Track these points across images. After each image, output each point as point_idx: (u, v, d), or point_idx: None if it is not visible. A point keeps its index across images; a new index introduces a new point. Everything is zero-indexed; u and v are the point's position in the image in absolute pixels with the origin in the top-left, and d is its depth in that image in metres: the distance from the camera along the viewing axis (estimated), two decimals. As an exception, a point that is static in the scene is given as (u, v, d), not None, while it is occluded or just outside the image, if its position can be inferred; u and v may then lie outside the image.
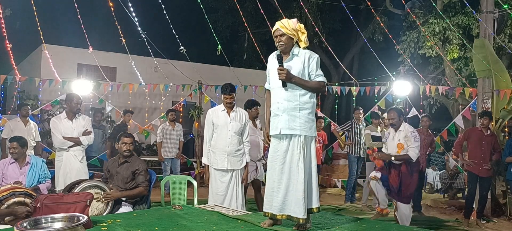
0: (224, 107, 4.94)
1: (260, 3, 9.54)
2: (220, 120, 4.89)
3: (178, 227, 3.47)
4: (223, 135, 4.85)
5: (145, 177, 4.49)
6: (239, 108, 5.06)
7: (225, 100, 4.89)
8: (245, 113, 5.06)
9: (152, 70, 11.96)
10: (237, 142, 4.87)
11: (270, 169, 3.50)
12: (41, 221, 3.08)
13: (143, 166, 4.54)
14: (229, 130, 4.84)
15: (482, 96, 7.71)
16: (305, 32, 3.55)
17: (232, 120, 4.88)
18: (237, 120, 4.90)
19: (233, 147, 4.83)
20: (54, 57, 10.10)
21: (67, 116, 5.60)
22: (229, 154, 4.82)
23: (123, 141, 4.55)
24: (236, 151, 4.86)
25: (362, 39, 14.26)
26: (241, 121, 4.93)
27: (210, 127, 4.93)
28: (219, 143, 4.84)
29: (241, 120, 4.94)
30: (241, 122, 4.92)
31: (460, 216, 7.03)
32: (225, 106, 4.92)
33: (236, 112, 4.93)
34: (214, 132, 4.92)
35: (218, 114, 4.93)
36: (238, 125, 4.89)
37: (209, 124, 4.92)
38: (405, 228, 4.59)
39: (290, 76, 3.37)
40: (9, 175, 4.64)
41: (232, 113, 4.90)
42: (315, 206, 3.45)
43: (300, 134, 3.38)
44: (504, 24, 9.57)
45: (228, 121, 4.87)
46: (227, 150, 4.81)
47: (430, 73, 12.21)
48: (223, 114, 4.92)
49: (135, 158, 4.62)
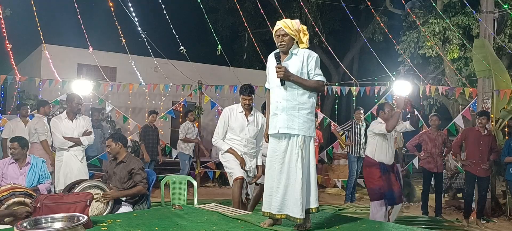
0: (242, 109, 4.68)
1: (260, 3, 9.55)
2: (237, 122, 4.66)
3: (178, 227, 3.47)
4: (238, 138, 4.66)
5: (142, 175, 4.52)
6: (257, 111, 4.80)
7: (244, 102, 4.62)
8: (262, 118, 4.74)
9: (152, 70, 11.94)
10: (252, 146, 4.71)
11: (269, 169, 3.49)
12: (41, 221, 3.08)
13: (138, 164, 4.58)
14: (245, 134, 4.64)
15: (482, 96, 7.71)
16: (307, 34, 3.55)
17: (250, 123, 4.65)
18: (254, 124, 4.68)
19: (249, 149, 4.68)
20: (54, 57, 10.10)
21: (67, 116, 5.61)
22: (245, 153, 4.68)
23: (106, 144, 4.67)
24: (251, 150, 4.71)
25: (362, 39, 14.25)
26: (257, 125, 4.70)
27: (224, 126, 4.69)
28: (232, 144, 4.66)
29: (258, 124, 4.71)
30: (257, 126, 4.70)
31: (460, 216, 7.03)
32: (243, 107, 4.67)
33: (254, 116, 4.69)
34: (228, 131, 4.70)
35: (236, 115, 4.67)
36: (255, 130, 4.68)
37: (224, 123, 4.68)
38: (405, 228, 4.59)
39: (288, 74, 3.36)
40: (9, 175, 4.64)
41: (250, 117, 4.67)
42: (314, 206, 3.45)
43: (299, 133, 3.38)
44: (504, 24, 9.57)
45: (245, 124, 4.64)
46: (243, 150, 4.67)
47: (430, 73, 12.21)
48: (241, 116, 4.67)
49: (131, 158, 4.66)
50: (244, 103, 4.62)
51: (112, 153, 4.65)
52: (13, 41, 8.24)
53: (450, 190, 9.14)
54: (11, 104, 10.93)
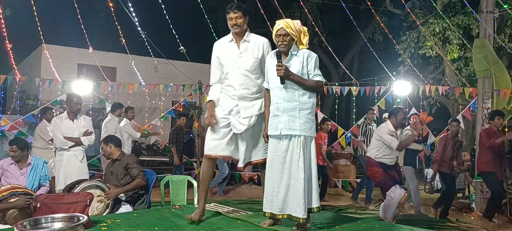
0: (231, 37, 3.68)
1: (260, 3, 9.53)
2: (226, 55, 3.64)
3: (178, 227, 3.47)
4: (231, 74, 3.60)
5: (138, 168, 4.59)
6: (253, 35, 3.67)
7: (230, 23, 3.57)
8: (265, 43, 3.67)
9: (152, 70, 11.97)
10: (252, 83, 3.59)
11: (270, 168, 3.49)
12: (41, 221, 3.08)
13: (133, 159, 4.69)
14: (238, 67, 3.58)
15: (482, 96, 7.71)
16: (308, 35, 3.55)
17: (243, 52, 3.61)
18: (249, 53, 3.59)
19: (245, 90, 3.57)
20: (54, 57, 10.11)
21: (68, 116, 5.61)
22: (240, 98, 3.60)
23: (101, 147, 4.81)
24: (251, 94, 3.61)
25: (362, 39, 14.26)
26: (255, 54, 3.60)
27: (216, 66, 3.71)
28: (227, 84, 3.65)
29: (257, 52, 3.60)
30: (255, 55, 3.59)
31: (460, 216, 7.03)
32: (232, 32, 3.65)
33: (248, 42, 3.62)
34: (222, 70, 3.68)
35: (225, 46, 3.69)
36: (251, 61, 3.58)
37: (215, 61, 3.72)
38: (405, 228, 4.59)
39: (288, 73, 3.36)
40: (10, 175, 4.66)
41: (243, 44, 3.61)
42: (315, 206, 3.45)
43: (300, 134, 3.38)
44: (504, 24, 9.58)
45: (237, 54, 3.60)
46: (238, 94, 3.59)
47: (430, 73, 12.22)
48: (231, 46, 3.65)
49: (125, 155, 4.78)
50: (231, 24, 3.56)
51: (106, 155, 4.80)
52: (13, 41, 8.25)
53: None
54: (11, 104, 10.93)
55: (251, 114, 3.57)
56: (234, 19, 3.53)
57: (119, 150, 4.78)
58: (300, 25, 3.50)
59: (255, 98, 3.62)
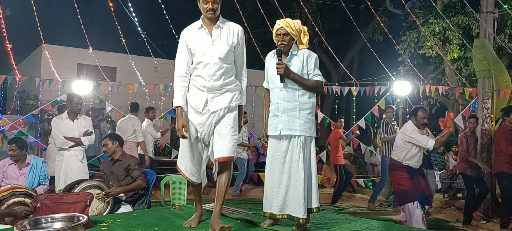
0: (201, 23, 3.30)
1: (260, 3, 9.54)
2: (197, 41, 3.25)
3: (178, 227, 3.47)
4: (202, 64, 3.23)
5: (139, 170, 4.59)
6: (227, 22, 3.34)
7: (206, 7, 3.19)
8: (239, 30, 3.34)
9: (152, 70, 11.96)
10: (223, 73, 3.23)
11: (269, 169, 3.49)
12: (41, 221, 3.08)
13: (134, 161, 4.68)
14: (211, 56, 3.21)
15: (482, 96, 7.71)
16: (308, 35, 3.55)
17: (215, 39, 3.25)
18: (223, 40, 3.25)
19: (216, 81, 3.22)
20: (54, 57, 10.11)
21: (68, 116, 5.61)
22: (210, 90, 3.24)
23: (103, 143, 4.76)
24: (221, 87, 3.25)
25: (362, 39, 14.26)
26: (229, 40, 3.27)
27: (184, 55, 3.30)
28: (197, 74, 3.27)
29: (231, 38, 3.28)
30: (229, 41, 3.26)
31: (460, 216, 7.02)
32: (204, 19, 3.28)
33: (221, 28, 3.28)
34: (191, 60, 3.29)
35: (194, 33, 3.29)
36: (225, 47, 3.22)
37: (183, 49, 3.31)
38: (405, 228, 4.59)
39: (288, 71, 3.35)
40: (9, 175, 4.67)
41: (216, 31, 3.26)
42: (315, 206, 3.45)
43: (300, 134, 3.38)
44: (504, 24, 9.58)
45: (209, 42, 3.24)
46: (208, 85, 3.22)
47: (430, 73, 12.23)
48: (201, 33, 3.27)
49: (126, 156, 4.75)
50: (206, 8, 3.19)
51: (109, 152, 4.73)
52: (13, 41, 8.26)
53: (450, 190, 9.14)
54: (11, 104, 10.93)
55: (220, 107, 3.23)
56: (211, 4, 3.17)
57: (121, 150, 4.77)
58: (300, 25, 3.50)
59: (226, 91, 3.26)
